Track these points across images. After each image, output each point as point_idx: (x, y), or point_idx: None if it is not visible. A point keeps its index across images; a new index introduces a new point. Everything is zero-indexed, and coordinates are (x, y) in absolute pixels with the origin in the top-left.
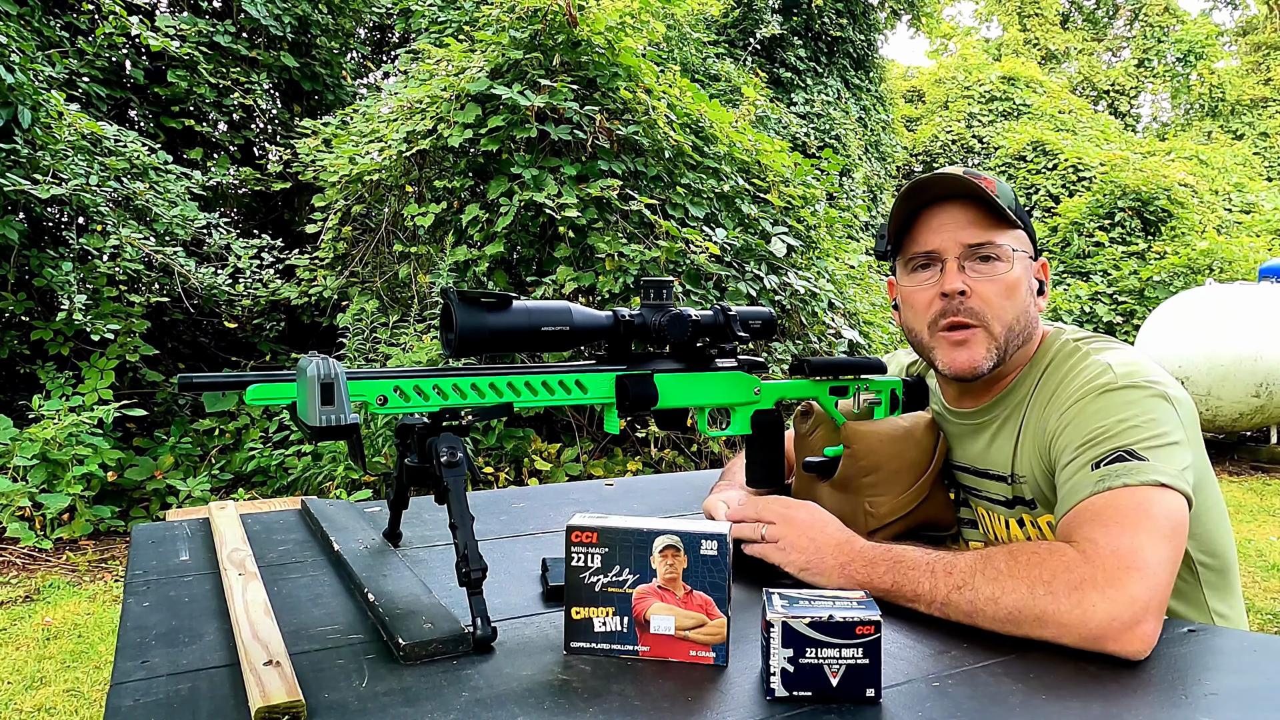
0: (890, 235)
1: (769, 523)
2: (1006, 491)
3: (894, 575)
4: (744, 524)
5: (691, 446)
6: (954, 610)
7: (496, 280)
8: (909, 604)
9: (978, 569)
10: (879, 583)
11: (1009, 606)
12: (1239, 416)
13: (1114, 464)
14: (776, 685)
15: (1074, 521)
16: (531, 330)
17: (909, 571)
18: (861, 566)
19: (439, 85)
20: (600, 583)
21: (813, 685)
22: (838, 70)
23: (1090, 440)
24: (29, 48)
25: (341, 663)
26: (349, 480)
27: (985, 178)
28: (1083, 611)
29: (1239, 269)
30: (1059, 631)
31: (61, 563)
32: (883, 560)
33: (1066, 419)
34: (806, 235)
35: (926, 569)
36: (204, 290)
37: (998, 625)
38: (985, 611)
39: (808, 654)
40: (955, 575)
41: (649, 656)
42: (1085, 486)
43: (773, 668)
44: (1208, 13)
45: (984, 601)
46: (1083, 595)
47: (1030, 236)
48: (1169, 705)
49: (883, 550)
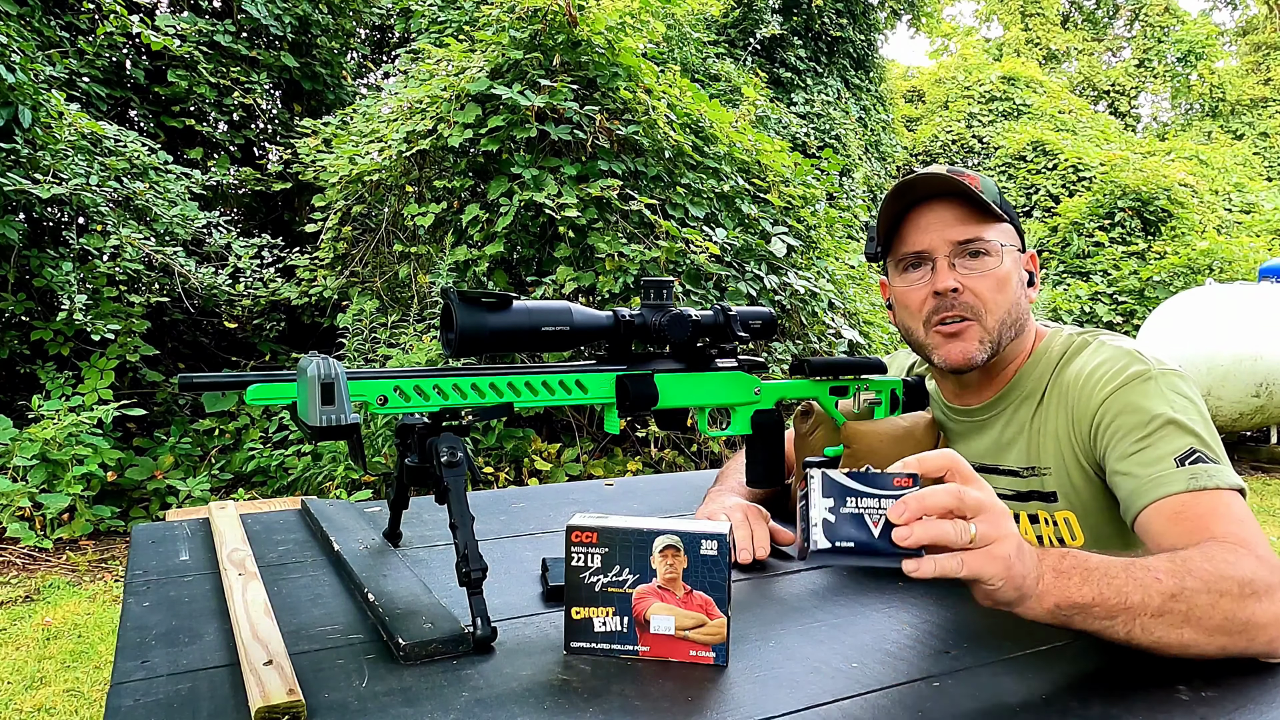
0: (879, 237)
1: (975, 515)
2: (1020, 485)
3: (1094, 586)
4: (940, 522)
5: (691, 446)
6: (1168, 623)
7: (496, 280)
8: (1108, 621)
9: (1184, 572)
10: (1076, 597)
11: (1226, 611)
12: (1239, 416)
13: (1198, 463)
14: (819, 536)
15: (1191, 515)
16: (532, 330)
17: (1110, 580)
18: (1052, 579)
19: (439, 85)
20: (600, 583)
21: (854, 536)
22: (838, 70)
23: (1155, 428)
24: (29, 48)
25: (341, 663)
26: (349, 480)
27: (968, 174)
28: (1275, 606)
29: (1239, 269)
30: (1254, 636)
31: (61, 563)
32: (1072, 568)
33: (1114, 406)
34: (806, 235)
35: (1126, 573)
36: (204, 290)
37: (1206, 638)
38: (1204, 622)
39: (848, 504)
40: (1165, 581)
41: (649, 656)
42: (1175, 480)
43: (813, 520)
44: (1208, 13)
45: (1204, 609)
46: (1272, 594)
47: (1017, 229)
48: (1169, 705)
49: (1062, 556)
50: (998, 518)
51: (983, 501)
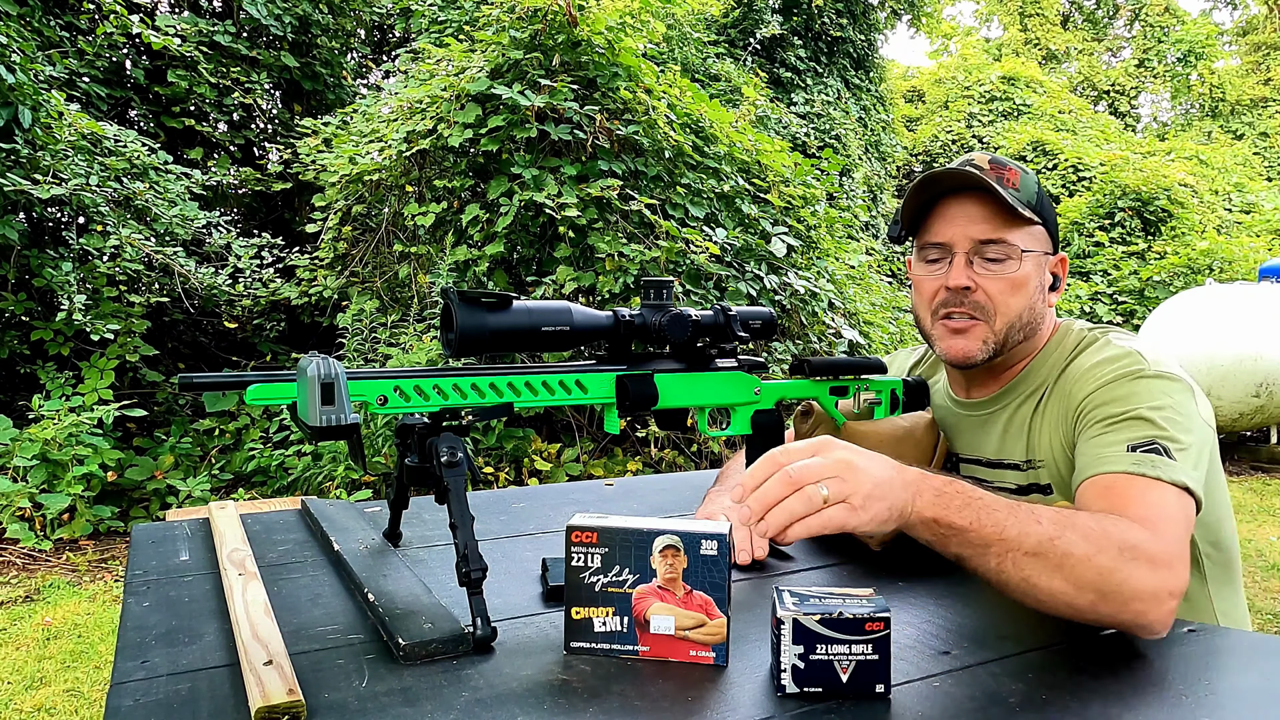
0: (904, 221)
1: (829, 478)
2: (1021, 479)
3: (973, 512)
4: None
5: (691, 446)
6: (1041, 564)
7: (496, 280)
8: (981, 549)
9: (1067, 523)
10: (954, 518)
11: (1100, 567)
12: (1239, 416)
13: (1150, 453)
14: (787, 682)
15: (1116, 492)
16: (532, 330)
17: (990, 510)
18: (931, 499)
19: (439, 85)
20: (600, 583)
21: (823, 682)
22: (838, 70)
23: (1125, 418)
24: (29, 48)
25: (341, 663)
26: (349, 480)
27: (1010, 168)
28: (1157, 582)
29: (1239, 269)
30: (1127, 602)
31: (61, 563)
32: (956, 494)
33: (1099, 397)
34: (806, 235)
35: (1009, 510)
36: (204, 290)
37: (1075, 591)
38: (1076, 571)
39: (818, 650)
40: (1045, 525)
41: (649, 656)
42: (1120, 461)
43: (783, 664)
44: (1208, 13)
45: (1078, 559)
46: (1155, 569)
47: (1051, 231)
48: (1169, 705)
49: (948, 481)
50: (845, 471)
51: (809, 467)
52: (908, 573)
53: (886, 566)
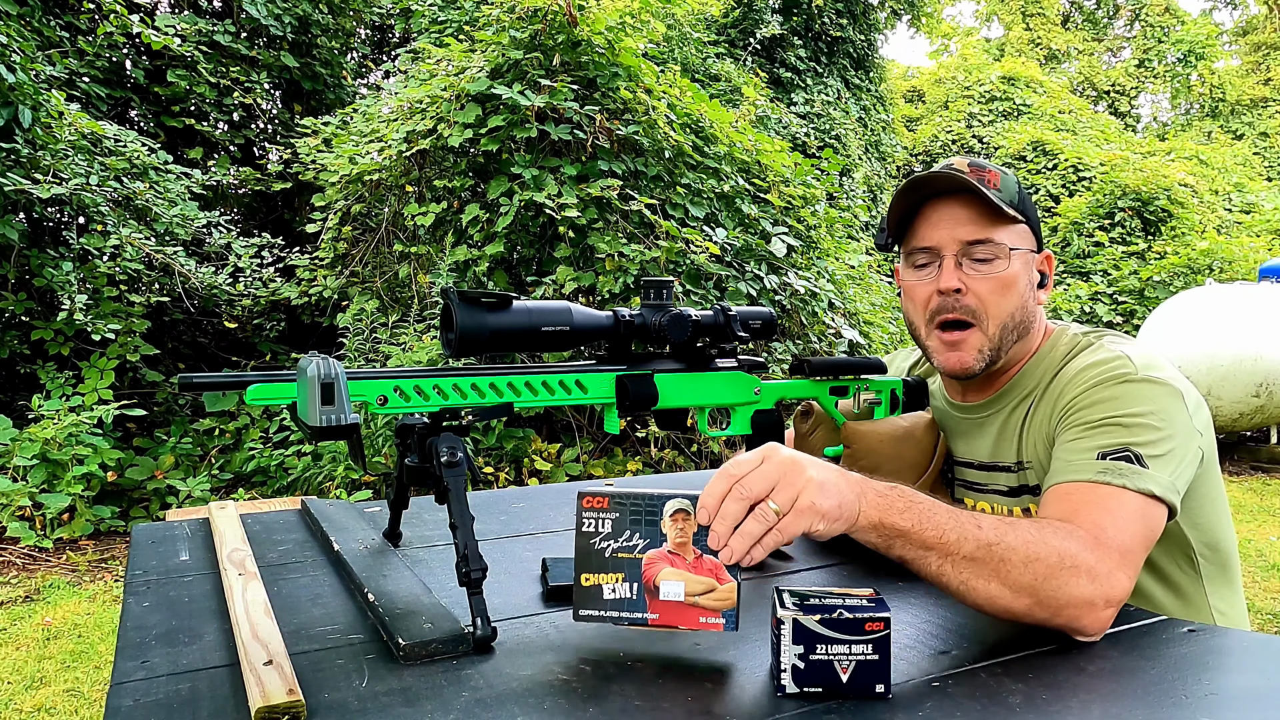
0: (890, 227)
1: (776, 482)
2: (1012, 481)
3: (915, 515)
4: (744, 527)
5: (691, 446)
6: (979, 569)
7: (496, 280)
8: (923, 552)
9: (1006, 529)
10: (898, 521)
11: (1036, 573)
12: (1239, 416)
13: (1119, 461)
14: (787, 682)
15: (1075, 500)
16: (531, 330)
17: (931, 515)
18: (875, 500)
19: (439, 85)
20: (610, 548)
21: (823, 681)
22: (838, 70)
23: (1101, 424)
24: (29, 48)
25: (341, 663)
26: (349, 480)
27: (990, 170)
28: (1093, 590)
29: (1239, 269)
30: (1061, 608)
31: (61, 563)
32: (898, 498)
33: (1081, 401)
34: (806, 235)
35: (950, 515)
36: (204, 290)
37: (1012, 595)
38: (1011, 576)
39: (818, 650)
40: (985, 530)
41: (659, 625)
42: (1086, 469)
43: (783, 665)
44: (1208, 13)
45: (1014, 565)
46: (1092, 578)
47: (1034, 229)
48: (1169, 705)
49: (890, 486)
50: (790, 472)
51: (759, 475)
52: (908, 573)
53: (886, 566)
